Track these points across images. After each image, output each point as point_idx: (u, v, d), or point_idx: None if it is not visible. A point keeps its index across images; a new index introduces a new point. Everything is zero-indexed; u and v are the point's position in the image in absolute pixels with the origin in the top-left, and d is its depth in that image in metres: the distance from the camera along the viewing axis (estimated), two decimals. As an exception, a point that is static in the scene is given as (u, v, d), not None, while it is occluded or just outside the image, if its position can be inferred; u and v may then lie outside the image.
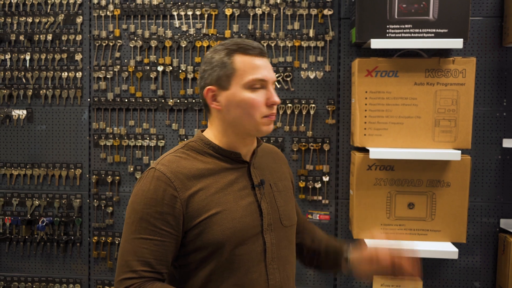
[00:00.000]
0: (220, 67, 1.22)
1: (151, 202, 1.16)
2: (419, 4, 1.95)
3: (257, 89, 1.22)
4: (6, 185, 2.39)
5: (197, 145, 1.26)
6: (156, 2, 2.27)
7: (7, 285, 2.39)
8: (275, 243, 1.25)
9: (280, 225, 1.28)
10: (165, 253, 1.17)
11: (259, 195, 1.25)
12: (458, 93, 1.98)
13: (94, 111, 2.33)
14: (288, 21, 2.22)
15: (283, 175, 1.39)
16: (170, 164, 1.20)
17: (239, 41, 1.25)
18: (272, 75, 1.25)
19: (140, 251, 1.15)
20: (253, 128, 1.23)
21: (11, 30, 2.36)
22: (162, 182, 1.17)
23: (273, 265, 1.24)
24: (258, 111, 1.21)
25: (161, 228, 1.16)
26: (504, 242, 2.09)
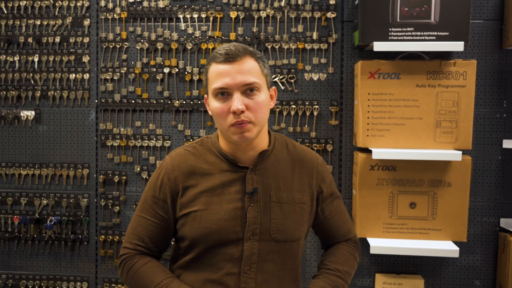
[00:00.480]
0: (204, 76, 1.29)
1: (152, 187, 1.33)
2: (420, 8, 1.99)
3: (223, 97, 1.21)
4: (14, 185, 2.43)
5: (209, 143, 1.34)
6: (162, 5, 2.32)
7: (15, 283, 2.44)
8: (256, 253, 1.25)
9: (269, 237, 1.26)
10: (156, 234, 1.31)
11: (248, 203, 1.25)
12: (459, 95, 2.02)
13: (101, 112, 2.37)
14: (292, 24, 2.26)
15: (298, 187, 1.32)
16: (176, 157, 1.33)
17: (218, 49, 1.25)
18: (237, 80, 1.19)
19: (138, 227, 1.32)
20: (227, 136, 1.25)
21: (19, 32, 2.40)
22: (163, 172, 1.32)
23: (250, 275, 1.25)
24: (224, 120, 1.21)
25: (156, 211, 1.31)
26: (504, 241, 2.13)
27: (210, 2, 2.30)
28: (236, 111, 1.18)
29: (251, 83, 1.21)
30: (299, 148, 1.39)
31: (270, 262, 1.27)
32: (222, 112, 1.21)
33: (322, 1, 2.25)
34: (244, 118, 1.19)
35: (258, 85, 1.22)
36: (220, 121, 1.23)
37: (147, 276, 1.27)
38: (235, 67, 1.20)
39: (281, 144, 1.36)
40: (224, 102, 1.21)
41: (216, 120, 1.25)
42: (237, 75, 1.19)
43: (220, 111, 1.21)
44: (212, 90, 1.23)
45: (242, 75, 1.20)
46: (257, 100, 1.22)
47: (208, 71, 1.25)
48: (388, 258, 2.24)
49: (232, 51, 1.21)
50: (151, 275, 1.27)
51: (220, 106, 1.21)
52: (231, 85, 1.19)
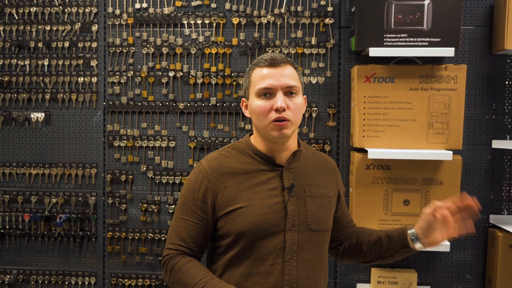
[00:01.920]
0: (245, 81, 1.45)
1: (191, 189, 1.40)
2: (414, 15, 2.09)
3: (266, 97, 1.35)
4: (25, 184, 2.53)
5: (242, 146, 1.45)
6: (168, 11, 2.42)
7: (26, 278, 2.53)
8: (296, 243, 1.36)
9: (306, 228, 1.38)
10: (197, 233, 1.39)
11: (287, 197, 1.37)
12: (450, 98, 2.12)
13: (109, 114, 2.47)
14: (292, 30, 2.37)
15: (325, 183, 1.47)
16: (212, 160, 1.42)
17: (261, 56, 1.41)
18: (281, 82, 1.34)
19: (179, 228, 1.40)
20: (266, 133, 1.37)
21: (30, 37, 2.50)
22: (201, 175, 1.40)
23: (291, 263, 1.35)
24: (266, 116, 1.34)
25: (195, 212, 1.38)
26: (493, 236, 2.24)
27: (213, 9, 2.40)
28: (279, 108, 1.32)
29: (293, 86, 1.36)
30: (318, 152, 1.56)
31: (308, 250, 1.38)
32: (265, 109, 1.34)
33: (320, 8, 2.35)
34: (285, 115, 1.33)
35: (297, 89, 1.37)
36: (262, 118, 1.35)
37: (189, 274, 1.34)
38: (279, 71, 1.35)
39: (305, 147, 1.51)
40: (267, 101, 1.34)
41: (258, 118, 1.36)
42: (280, 78, 1.34)
43: (263, 108, 1.34)
44: (257, 90, 1.36)
45: (285, 78, 1.35)
46: (296, 102, 1.36)
47: (251, 75, 1.40)
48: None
49: (276, 57, 1.37)
50: (193, 272, 1.34)
51: (263, 105, 1.34)
52: (275, 85, 1.34)
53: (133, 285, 2.47)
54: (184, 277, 1.34)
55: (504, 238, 2.17)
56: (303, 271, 1.37)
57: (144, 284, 2.46)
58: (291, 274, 1.35)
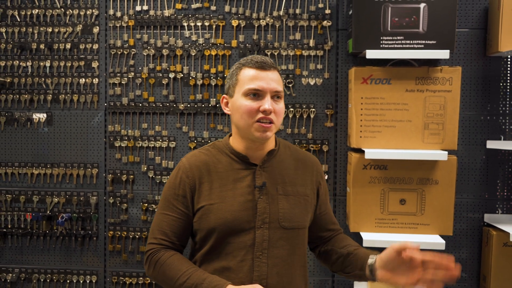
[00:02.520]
0: (230, 78, 1.46)
1: (172, 185, 1.46)
2: (410, 18, 2.13)
3: (253, 97, 1.39)
4: (27, 184, 2.56)
5: (220, 145, 1.50)
6: (168, 14, 2.45)
7: (28, 277, 2.56)
8: (267, 240, 1.40)
9: (278, 225, 1.41)
10: (178, 228, 1.44)
11: (258, 195, 1.41)
12: (445, 99, 2.16)
13: (110, 115, 2.51)
14: (290, 32, 2.41)
15: (301, 181, 1.49)
16: (191, 157, 1.48)
17: (250, 57, 1.44)
18: (271, 86, 1.38)
19: (161, 223, 1.45)
20: (248, 133, 1.41)
21: (32, 39, 2.53)
22: (181, 171, 1.46)
23: (262, 259, 1.39)
24: (251, 116, 1.38)
25: (176, 207, 1.44)
26: (487, 235, 2.28)
27: (213, 11, 2.44)
28: (267, 110, 1.36)
29: (280, 91, 1.41)
30: (300, 150, 1.59)
31: (279, 248, 1.41)
32: (252, 109, 1.38)
33: (318, 11, 2.39)
34: (271, 118, 1.38)
35: (282, 94, 1.42)
36: (247, 117, 1.39)
37: (174, 267, 1.38)
38: (269, 75, 1.40)
39: (284, 147, 1.54)
40: (255, 102, 1.38)
41: (242, 117, 1.39)
42: (270, 81, 1.39)
43: (250, 108, 1.38)
44: (246, 90, 1.39)
45: (274, 83, 1.40)
46: (280, 106, 1.41)
47: (239, 73, 1.42)
48: (380, 251, 2.37)
49: (266, 61, 1.41)
50: (177, 265, 1.38)
51: (250, 105, 1.38)
52: (265, 88, 1.38)
53: (133, 283, 2.51)
54: (169, 270, 1.38)
55: (498, 236, 2.21)
56: (274, 267, 1.40)
57: (144, 283, 2.50)
58: (261, 271, 1.39)
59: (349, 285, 2.40)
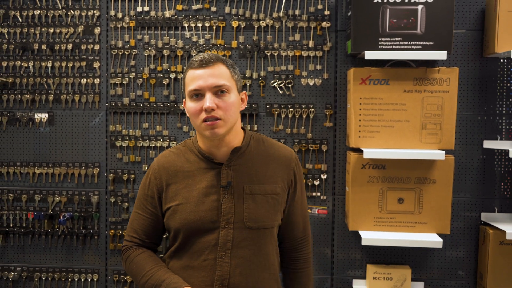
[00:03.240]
0: (182, 82, 1.46)
1: (143, 186, 1.52)
2: (408, 19, 2.16)
3: (197, 98, 1.38)
4: (29, 183, 2.58)
5: (190, 143, 1.52)
6: (169, 14, 2.48)
7: (30, 275, 2.59)
8: (231, 240, 1.40)
9: (243, 225, 1.40)
10: (148, 227, 1.50)
11: (222, 195, 1.41)
12: (443, 100, 2.19)
13: (111, 115, 2.53)
14: (290, 33, 2.43)
15: (271, 179, 1.44)
16: (161, 158, 1.52)
17: (194, 57, 1.43)
18: (208, 82, 1.35)
19: (133, 222, 1.52)
20: (200, 132, 1.42)
21: (34, 40, 2.55)
22: (150, 172, 1.51)
23: (224, 259, 1.40)
24: (197, 117, 1.38)
25: (146, 206, 1.50)
26: (484, 233, 2.31)
27: (213, 12, 2.47)
28: (207, 109, 1.34)
29: (221, 85, 1.37)
30: (276, 145, 1.52)
31: (244, 248, 1.40)
32: (196, 110, 1.37)
33: (317, 12, 2.42)
34: (215, 115, 1.35)
35: (227, 87, 1.38)
36: (194, 119, 1.40)
37: (139, 265, 1.45)
38: (208, 71, 1.36)
39: (257, 142, 1.50)
40: (198, 102, 1.37)
41: (191, 119, 1.42)
42: (209, 78, 1.36)
43: (194, 110, 1.38)
44: (188, 92, 1.40)
45: (214, 78, 1.36)
46: (226, 101, 1.37)
47: (185, 77, 1.43)
48: (378, 249, 2.42)
49: (205, 58, 1.38)
50: (143, 264, 1.45)
51: (194, 106, 1.38)
52: (203, 86, 1.36)
53: (135, 281, 2.53)
54: (135, 268, 1.46)
55: (495, 235, 2.24)
56: (237, 268, 1.40)
57: (145, 281, 2.52)
58: (223, 270, 1.40)
59: (347, 283, 2.43)
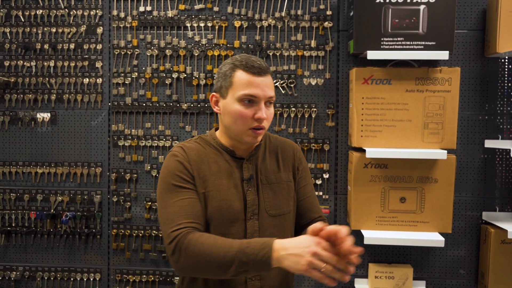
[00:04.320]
0: (223, 78, 1.42)
1: (174, 172, 1.40)
2: (410, 19, 2.17)
3: (248, 103, 1.38)
4: (31, 182, 2.58)
5: (207, 138, 1.50)
6: (171, 14, 2.48)
7: (32, 275, 2.59)
8: (257, 230, 1.42)
9: (266, 214, 1.44)
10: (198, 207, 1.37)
11: (246, 188, 1.44)
12: (444, 99, 2.20)
13: (114, 114, 2.53)
14: (292, 33, 2.44)
15: (283, 167, 1.51)
16: (182, 146, 1.46)
17: (245, 58, 1.40)
18: (266, 93, 1.37)
19: (181, 209, 1.35)
20: (239, 136, 1.42)
21: (36, 39, 2.55)
22: (177, 157, 1.42)
23: None
24: (245, 123, 1.38)
25: (189, 188, 1.39)
26: (485, 232, 2.32)
27: (216, 12, 2.47)
28: (260, 119, 1.37)
29: (272, 97, 1.41)
30: (279, 139, 1.59)
31: (270, 236, 1.36)
32: (246, 116, 1.38)
33: (319, 12, 2.43)
34: (263, 125, 1.39)
35: (273, 99, 1.42)
36: (240, 123, 1.39)
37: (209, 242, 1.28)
38: (265, 81, 1.39)
39: (266, 137, 1.56)
40: (249, 108, 1.38)
41: (235, 122, 1.39)
42: (265, 88, 1.38)
43: (244, 115, 1.38)
44: (240, 95, 1.37)
45: (269, 89, 1.40)
46: (271, 112, 1.42)
47: (234, 76, 1.39)
48: (380, 248, 2.42)
49: (262, 66, 1.39)
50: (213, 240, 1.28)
51: (245, 111, 1.38)
52: (260, 96, 1.37)
53: (137, 281, 2.54)
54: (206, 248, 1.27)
55: (496, 234, 2.25)
56: None
57: (148, 280, 2.53)
58: None
59: (349, 282, 2.44)
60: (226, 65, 1.43)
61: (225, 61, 1.45)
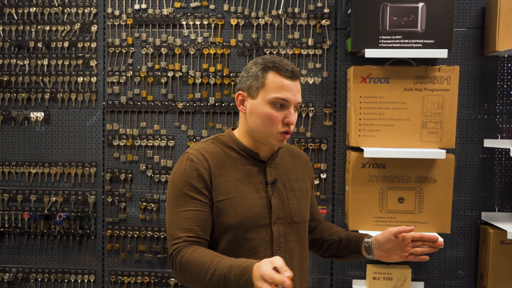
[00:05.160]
0: (254, 78, 1.39)
1: (188, 179, 1.36)
2: (408, 17, 2.14)
3: (279, 107, 1.37)
4: (24, 183, 2.55)
5: (226, 139, 1.45)
6: (167, 12, 2.45)
7: (25, 276, 2.55)
8: (282, 235, 1.41)
9: (290, 220, 1.43)
10: (205, 221, 1.36)
11: (271, 192, 1.41)
12: (443, 98, 2.18)
13: (108, 114, 2.50)
14: (289, 31, 2.41)
15: (301, 176, 1.52)
16: (200, 149, 1.41)
17: (277, 60, 1.39)
18: (296, 98, 1.37)
19: (185, 221, 1.34)
20: (265, 139, 1.40)
21: (29, 37, 2.52)
22: (194, 162, 1.38)
23: (280, 254, 1.39)
24: (274, 126, 1.37)
25: (199, 199, 1.36)
26: (484, 233, 2.30)
27: (212, 10, 2.44)
28: (291, 123, 1.37)
29: (300, 103, 1.41)
30: (293, 146, 1.61)
31: (293, 241, 1.44)
32: (276, 119, 1.36)
33: (317, 10, 2.40)
34: (291, 129, 1.39)
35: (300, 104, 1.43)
36: (269, 125, 1.37)
37: (198, 261, 1.28)
38: (296, 85, 1.38)
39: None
40: (279, 112, 1.36)
41: (263, 124, 1.37)
42: (296, 93, 1.38)
43: (275, 118, 1.36)
44: (272, 98, 1.35)
45: (299, 95, 1.40)
46: (296, 117, 1.42)
47: (267, 77, 1.37)
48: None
49: (295, 70, 1.38)
50: (201, 258, 1.28)
51: (276, 114, 1.36)
52: (292, 100, 1.36)
53: (132, 282, 2.50)
54: (194, 267, 1.28)
55: (496, 234, 2.23)
56: (290, 261, 1.41)
57: (143, 282, 2.50)
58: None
59: (347, 283, 2.42)
60: (257, 65, 1.40)
61: (254, 60, 1.42)
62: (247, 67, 1.43)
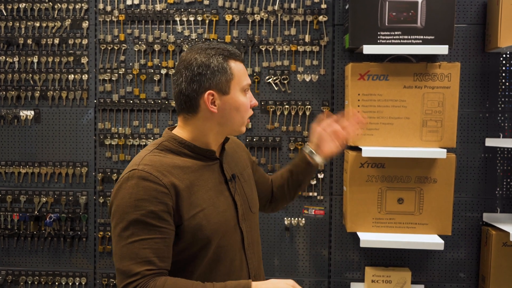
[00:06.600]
0: (220, 72, 1.24)
1: (143, 203, 1.14)
2: (408, 13, 2.09)
3: (246, 93, 1.32)
4: (14, 183, 2.48)
5: (171, 145, 1.26)
6: (160, 8, 2.39)
7: (15, 279, 2.49)
8: (249, 230, 1.35)
9: (250, 212, 1.38)
10: (166, 249, 1.17)
11: (232, 189, 1.32)
12: (444, 96, 2.12)
13: (100, 112, 2.43)
14: (285, 27, 2.35)
15: (245, 162, 1.46)
16: (153, 163, 1.19)
17: (224, 46, 1.28)
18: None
19: (141, 252, 1.13)
20: (237, 129, 1.32)
21: (19, 34, 2.45)
22: (147, 181, 1.15)
23: (250, 250, 1.35)
24: (247, 113, 1.32)
25: (158, 225, 1.15)
26: (486, 234, 2.24)
27: (206, 6, 2.38)
28: (256, 104, 1.35)
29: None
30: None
31: (255, 233, 1.41)
32: (248, 105, 1.31)
33: (314, 5, 2.34)
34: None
35: None
36: (245, 114, 1.30)
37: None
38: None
39: None
40: (246, 97, 1.31)
41: (241, 115, 1.29)
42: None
43: (247, 104, 1.31)
44: (245, 85, 1.30)
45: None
46: None
47: (231, 67, 1.26)
48: (377, 251, 2.34)
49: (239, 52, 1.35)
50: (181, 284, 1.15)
51: (246, 101, 1.31)
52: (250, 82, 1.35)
53: (124, 285, 2.44)
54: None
55: (498, 236, 2.17)
56: (257, 254, 1.40)
57: (136, 285, 2.43)
58: (253, 262, 1.36)
59: (345, 286, 2.35)
60: (215, 57, 1.24)
61: (201, 54, 1.25)
62: (199, 61, 1.24)
